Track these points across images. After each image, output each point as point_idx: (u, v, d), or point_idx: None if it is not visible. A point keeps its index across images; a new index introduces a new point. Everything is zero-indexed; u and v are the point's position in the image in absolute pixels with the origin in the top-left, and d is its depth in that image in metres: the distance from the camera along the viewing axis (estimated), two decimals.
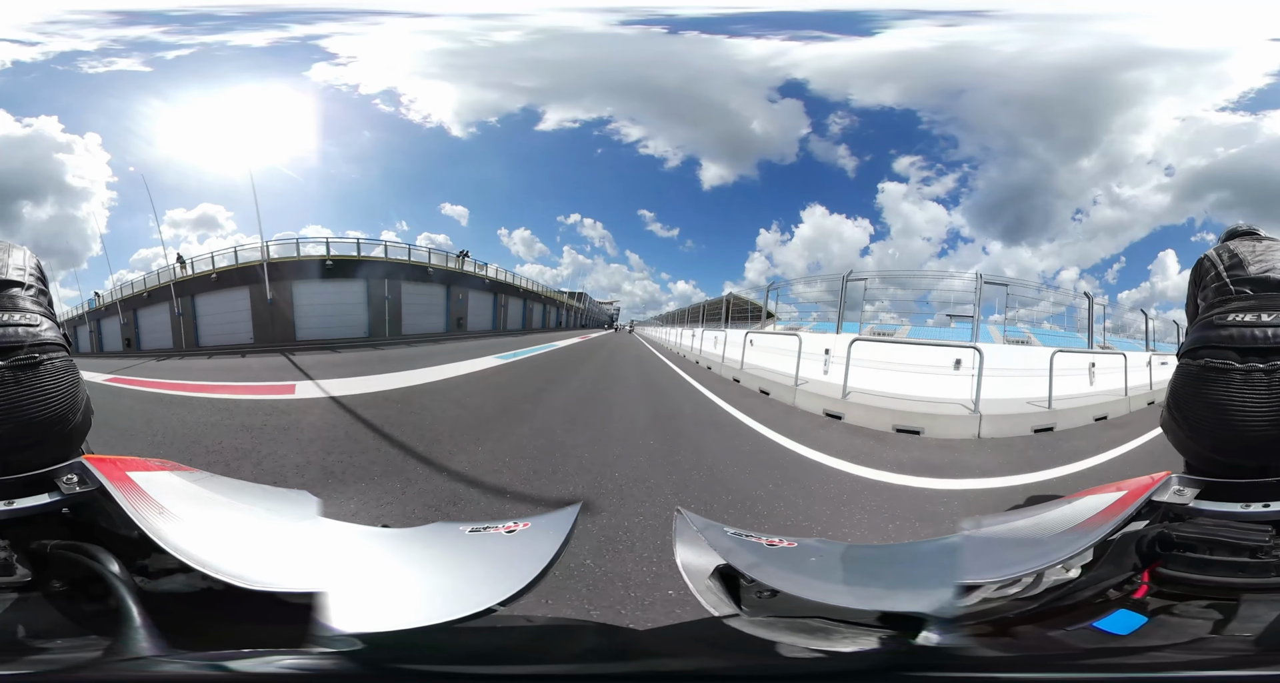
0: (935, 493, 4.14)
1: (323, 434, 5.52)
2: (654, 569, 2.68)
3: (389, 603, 1.30)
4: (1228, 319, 1.76)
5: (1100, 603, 1.44)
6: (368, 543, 1.74)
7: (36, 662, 1.12)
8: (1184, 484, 1.63)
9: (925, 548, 1.98)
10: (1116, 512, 1.56)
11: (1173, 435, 1.87)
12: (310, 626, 1.14)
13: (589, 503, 3.62)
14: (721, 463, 4.73)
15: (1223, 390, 1.69)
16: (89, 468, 1.52)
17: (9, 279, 1.78)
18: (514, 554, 1.57)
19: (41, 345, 1.68)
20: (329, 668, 1.11)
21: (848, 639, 1.25)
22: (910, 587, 1.50)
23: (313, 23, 13.86)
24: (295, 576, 1.29)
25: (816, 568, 1.67)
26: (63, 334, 1.80)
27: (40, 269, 1.94)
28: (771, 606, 1.46)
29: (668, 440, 5.46)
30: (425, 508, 3.60)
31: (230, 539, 1.48)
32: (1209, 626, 1.32)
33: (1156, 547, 1.53)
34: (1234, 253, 1.91)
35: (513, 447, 5.02)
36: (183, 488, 1.72)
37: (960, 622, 1.23)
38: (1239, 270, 1.86)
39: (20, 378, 1.61)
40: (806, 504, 3.82)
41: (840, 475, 4.50)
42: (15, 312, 1.70)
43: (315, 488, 2.96)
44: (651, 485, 4.04)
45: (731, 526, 1.91)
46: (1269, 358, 1.65)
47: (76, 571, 1.36)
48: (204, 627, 1.26)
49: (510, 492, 3.95)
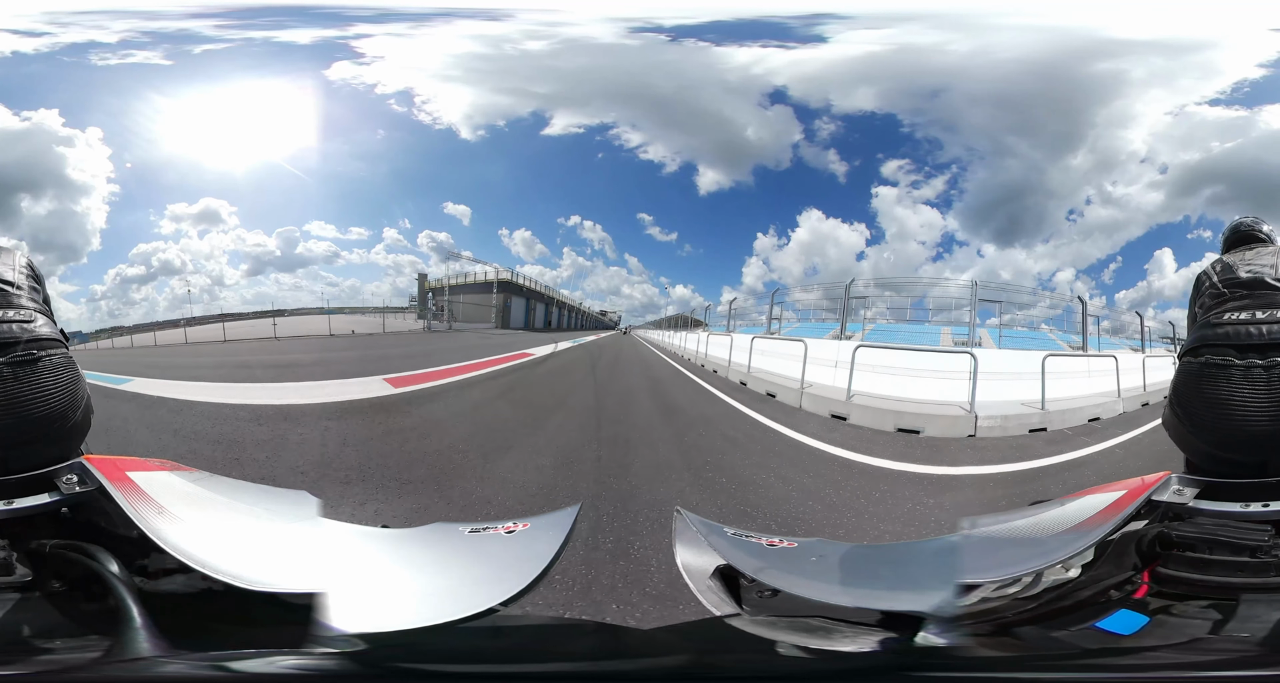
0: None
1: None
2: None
3: (389, 603, 1.30)
4: (1224, 318, 1.80)
5: (1102, 603, 1.44)
6: (368, 543, 1.74)
7: (36, 662, 1.12)
8: (1183, 484, 1.64)
9: (925, 548, 1.98)
10: (1116, 511, 1.56)
11: (1174, 432, 1.89)
12: (311, 626, 1.14)
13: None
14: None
15: (1223, 387, 1.71)
16: (88, 468, 1.52)
17: (0, 277, 1.77)
18: (514, 555, 1.57)
19: (38, 341, 1.67)
20: (329, 668, 1.11)
21: (848, 639, 1.25)
22: (910, 587, 1.50)
23: (368, 23, 14.04)
24: (295, 576, 1.29)
25: (817, 568, 1.67)
26: (60, 331, 1.80)
27: (33, 267, 1.93)
28: (772, 605, 1.46)
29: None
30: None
31: (230, 539, 1.48)
32: (1209, 626, 1.32)
33: (1156, 546, 1.53)
34: (1226, 264, 1.99)
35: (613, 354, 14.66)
36: (182, 488, 1.72)
37: (960, 622, 1.23)
38: (1231, 275, 1.93)
39: (18, 374, 1.60)
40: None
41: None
42: (9, 308, 1.70)
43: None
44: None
45: (731, 526, 1.91)
46: (1268, 354, 1.67)
47: (76, 570, 1.36)
48: (204, 627, 1.26)
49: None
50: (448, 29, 14.05)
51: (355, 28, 14.29)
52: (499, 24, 14.00)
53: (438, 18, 13.98)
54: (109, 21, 13.26)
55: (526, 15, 13.81)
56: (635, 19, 13.71)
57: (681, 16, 13.95)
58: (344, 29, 14.40)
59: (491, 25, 14.00)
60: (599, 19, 13.68)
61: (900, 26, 13.39)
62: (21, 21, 13.04)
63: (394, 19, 14.17)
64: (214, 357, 12.66)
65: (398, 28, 14.32)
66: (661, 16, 13.75)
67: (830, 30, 13.55)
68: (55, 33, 13.26)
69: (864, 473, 4.75)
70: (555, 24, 13.88)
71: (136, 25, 13.32)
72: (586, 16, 13.72)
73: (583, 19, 13.79)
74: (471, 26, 13.95)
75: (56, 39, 13.39)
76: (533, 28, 13.96)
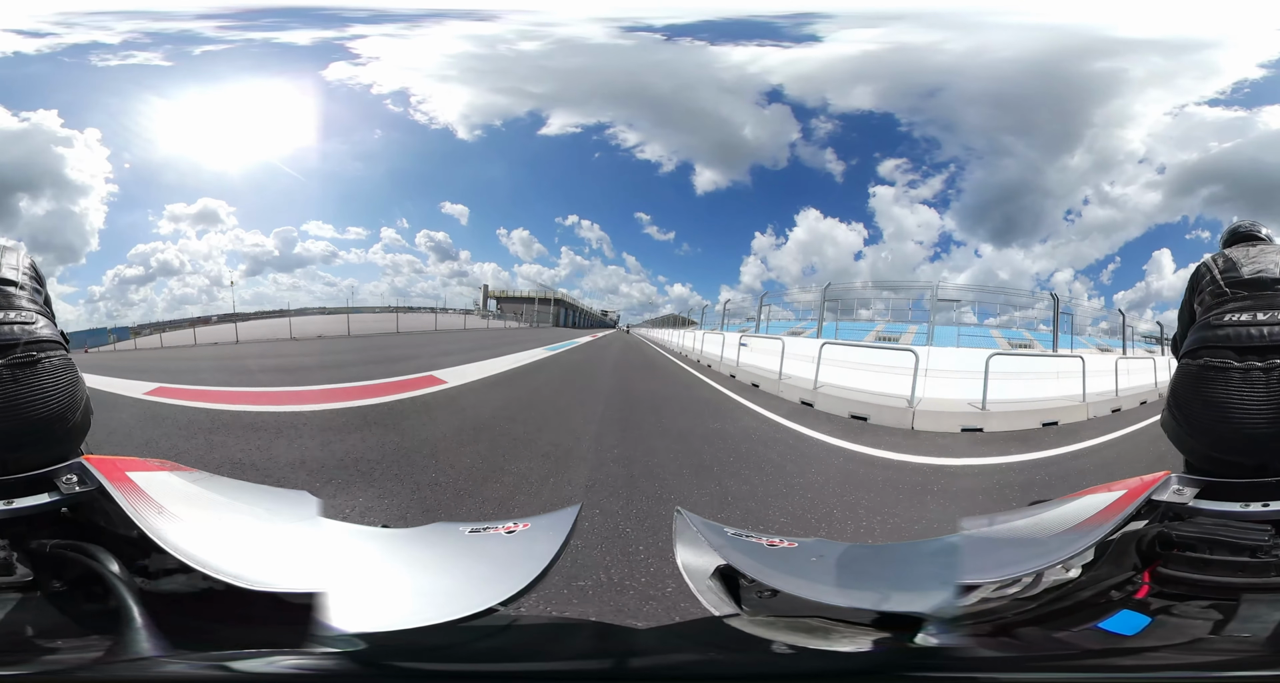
0: None
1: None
2: None
3: (389, 603, 1.30)
4: (1224, 319, 1.78)
5: (1103, 604, 1.44)
6: (368, 543, 1.74)
7: (37, 662, 1.12)
8: (1183, 483, 1.63)
9: (924, 548, 1.98)
10: (1116, 511, 1.56)
11: (1172, 434, 1.88)
12: (311, 626, 1.13)
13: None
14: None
15: (1221, 389, 1.70)
16: (88, 468, 1.52)
17: (2, 278, 1.77)
18: (514, 554, 1.57)
19: (38, 343, 1.67)
20: (329, 668, 1.11)
21: (847, 639, 1.25)
22: (909, 587, 1.50)
23: (364, 24, 14.08)
24: (296, 576, 1.29)
25: (816, 568, 1.67)
26: (60, 332, 1.80)
27: (35, 268, 1.93)
28: (771, 605, 1.46)
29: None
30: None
31: (230, 539, 1.48)
32: (1209, 626, 1.32)
33: (1156, 546, 1.53)
34: (1229, 258, 1.95)
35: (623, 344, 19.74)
36: (182, 488, 1.72)
37: (959, 622, 1.23)
38: (1234, 273, 1.90)
39: (18, 376, 1.60)
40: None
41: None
42: (10, 309, 1.69)
43: None
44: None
45: (732, 526, 1.91)
46: (1267, 356, 1.66)
47: (77, 570, 1.36)
48: (204, 627, 1.26)
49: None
50: (440, 29, 14.08)
51: (352, 28, 14.32)
52: (489, 24, 14.02)
53: (428, 18, 14.01)
54: (115, 22, 13.26)
55: (516, 17, 13.86)
56: (624, 19, 13.74)
57: (672, 16, 13.97)
58: (342, 30, 14.43)
59: (483, 26, 14.03)
60: (589, 19, 13.71)
61: (891, 25, 13.36)
62: (30, 22, 13.02)
63: (387, 20, 14.19)
64: (404, 349, 15.00)
65: (392, 28, 14.35)
66: (652, 17, 13.78)
67: (822, 29, 13.53)
68: (60, 33, 13.25)
69: (813, 443, 6.24)
70: (546, 24, 13.91)
71: (142, 26, 13.32)
72: (574, 16, 13.74)
73: (571, 19, 13.81)
74: (463, 27, 13.98)
75: (59, 40, 13.38)
76: (524, 28, 13.98)
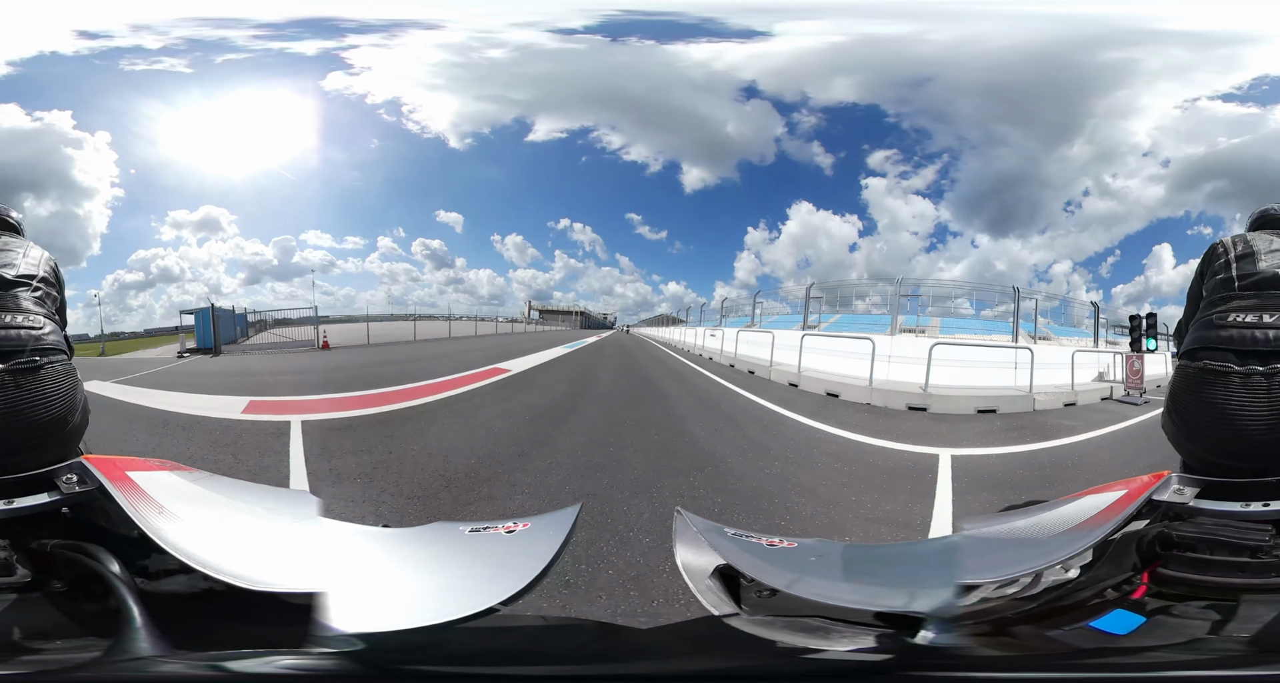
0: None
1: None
2: None
3: (389, 603, 1.30)
4: (1228, 319, 1.74)
5: (1098, 603, 1.44)
6: (368, 543, 1.73)
7: (36, 662, 1.12)
8: (1184, 483, 1.62)
9: (924, 548, 1.98)
10: (1116, 511, 1.55)
11: (1172, 437, 1.86)
12: (310, 626, 1.13)
13: None
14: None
15: (1221, 393, 1.67)
16: (88, 468, 1.52)
17: (16, 278, 1.76)
18: (514, 554, 1.57)
19: (43, 349, 1.67)
20: (329, 668, 1.11)
21: (847, 639, 1.25)
22: (909, 586, 1.50)
23: (360, 33, 14.20)
24: (295, 576, 1.29)
25: (816, 568, 1.67)
26: (64, 336, 1.80)
27: (56, 270, 1.93)
28: (771, 605, 1.46)
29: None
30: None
31: (230, 539, 1.48)
32: (1208, 626, 1.32)
33: (1156, 546, 1.53)
34: (1249, 242, 1.85)
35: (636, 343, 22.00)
36: (182, 488, 1.72)
37: (958, 622, 1.23)
38: (1248, 262, 1.81)
39: (20, 382, 1.60)
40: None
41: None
42: (18, 313, 1.69)
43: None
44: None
45: (732, 526, 1.91)
46: (1269, 361, 1.63)
47: (77, 570, 1.36)
48: (204, 627, 1.27)
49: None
50: (412, 38, 14.13)
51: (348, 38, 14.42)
52: (442, 33, 13.99)
53: (396, 27, 14.04)
54: (173, 28, 13.24)
55: (459, 24, 13.85)
56: (540, 22, 13.67)
57: (587, 18, 13.86)
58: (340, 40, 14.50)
59: (439, 34, 14.00)
60: (512, 24, 13.64)
61: (832, 19, 13.11)
62: (98, 23, 12.94)
63: (372, 31, 14.22)
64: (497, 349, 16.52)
65: (376, 38, 14.43)
66: (569, 21, 13.70)
67: (759, 23, 13.33)
68: (114, 37, 13.18)
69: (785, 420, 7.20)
70: (489, 31, 13.90)
71: (190, 33, 13.28)
72: (500, 23, 13.70)
73: (501, 25, 13.77)
74: (427, 36, 13.98)
75: (108, 43, 13.32)
76: (476, 34, 13.92)
